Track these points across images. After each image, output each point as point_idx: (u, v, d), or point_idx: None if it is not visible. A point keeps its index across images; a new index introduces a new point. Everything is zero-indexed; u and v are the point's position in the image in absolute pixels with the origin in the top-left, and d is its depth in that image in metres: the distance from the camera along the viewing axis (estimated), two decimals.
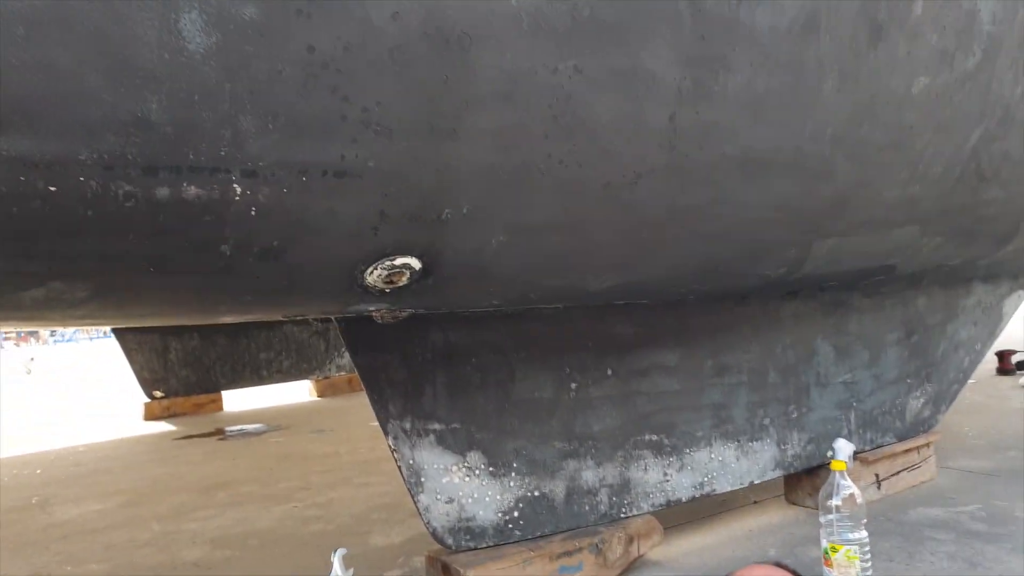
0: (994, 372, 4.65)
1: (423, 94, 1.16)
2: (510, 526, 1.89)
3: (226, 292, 1.32)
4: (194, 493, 3.22)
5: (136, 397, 5.37)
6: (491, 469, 1.87)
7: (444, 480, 1.82)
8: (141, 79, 0.97)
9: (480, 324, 1.84)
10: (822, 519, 1.81)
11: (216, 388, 5.36)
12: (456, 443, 1.84)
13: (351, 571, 1.11)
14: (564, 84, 1.26)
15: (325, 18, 1.05)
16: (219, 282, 1.25)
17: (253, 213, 1.14)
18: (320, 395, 5.80)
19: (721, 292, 2.10)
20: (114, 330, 5.00)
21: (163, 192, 1.06)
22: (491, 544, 1.86)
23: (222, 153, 1.06)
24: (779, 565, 1.55)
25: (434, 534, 1.83)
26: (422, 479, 1.80)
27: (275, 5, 1.01)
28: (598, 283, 1.72)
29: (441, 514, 1.82)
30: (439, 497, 1.82)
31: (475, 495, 1.85)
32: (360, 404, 5.22)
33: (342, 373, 5.85)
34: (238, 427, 4.55)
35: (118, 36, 0.94)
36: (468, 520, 1.85)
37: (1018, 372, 4.61)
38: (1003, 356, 4.71)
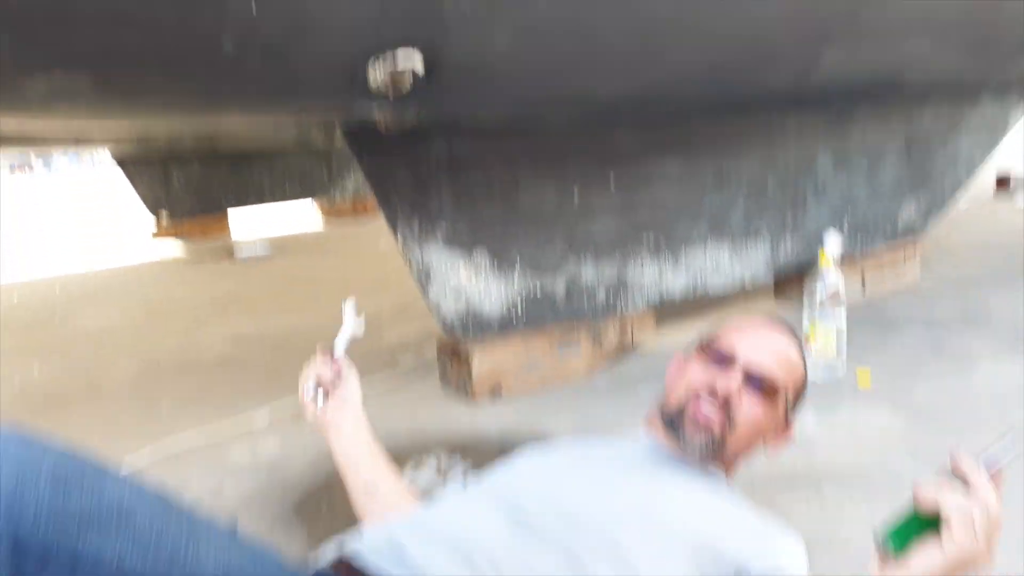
0: (992, 194, 4.70)
1: None
2: (513, 319, 2.01)
3: (232, 91, 1.33)
4: (210, 308, 3.38)
5: (143, 220, 5.46)
6: (496, 267, 1.96)
7: (451, 277, 1.92)
8: None
9: (484, 136, 1.86)
10: (806, 304, 1.94)
11: (221, 208, 5.41)
12: (462, 243, 1.92)
13: (361, 317, 1.19)
14: None
15: None
16: (224, 81, 1.27)
17: (252, 6, 1.11)
18: (326, 219, 5.90)
19: (726, 102, 2.09)
20: (115, 158, 4.99)
21: None
22: (496, 333, 2.00)
23: None
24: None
25: (443, 324, 1.96)
26: (431, 276, 1.90)
27: None
28: (605, 88, 1.71)
29: (449, 308, 1.93)
30: (447, 292, 1.93)
31: (481, 290, 1.96)
32: (367, 230, 5.34)
33: (346, 197, 5.92)
34: (247, 249, 4.67)
35: None
36: (474, 313, 1.97)
37: (1014, 194, 4.66)
38: (1001, 180, 4.75)
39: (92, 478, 0.60)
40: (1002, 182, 4.75)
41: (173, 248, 5.18)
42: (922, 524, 0.60)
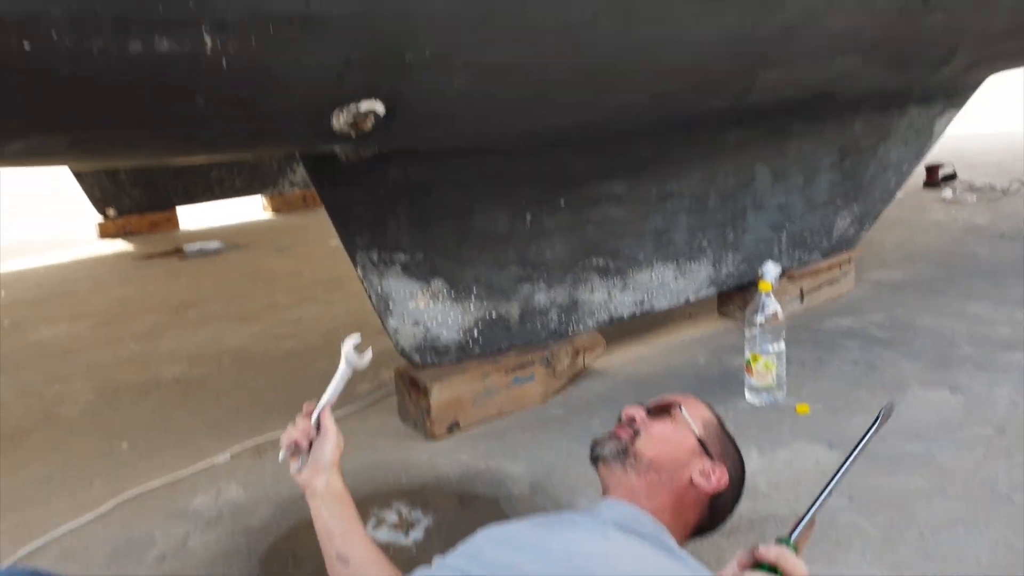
0: (921, 186, 4.91)
1: None
2: (470, 344, 2.08)
3: (201, 139, 1.36)
4: (164, 313, 3.35)
5: (89, 215, 5.32)
6: (452, 294, 2.03)
7: (410, 305, 1.98)
8: None
9: (440, 160, 1.91)
10: (747, 333, 2.05)
11: (169, 205, 5.32)
12: (420, 272, 1.97)
13: (368, 353, 1.20)
14: None
15: None
16: (195, 132, 1.29)
17: (224, 65, 1.16)
18: (275, 211, 5.82)
19: (669, 123, 2.18)
20: None
21: (135, 47, 1.07)
22: (453, 360, 2.06)
23: (191, 5, 1.07)
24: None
25: (403, 353, 2.01)
26: (390, 305, 1.96)
27: None
28: (556, 121, 1.79)
29: (408, 335, 1.99)
30: (406, 320, 1.98)
31: (438, 318, 2.02)
32: (316, 222, 5.30)
33: (295, 189, 5.84)
34: (197, 245, 4.60)
35: None
36: (432, 340, 2.03)
37: (943, 185, 4.88)
38: (931, 170, 4.95)
39: None
40: (931, 172, 4.96)
41: (121, 244, 5.07)
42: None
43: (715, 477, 1.16)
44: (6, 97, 1.07)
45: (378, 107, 1.41)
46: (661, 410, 1.24)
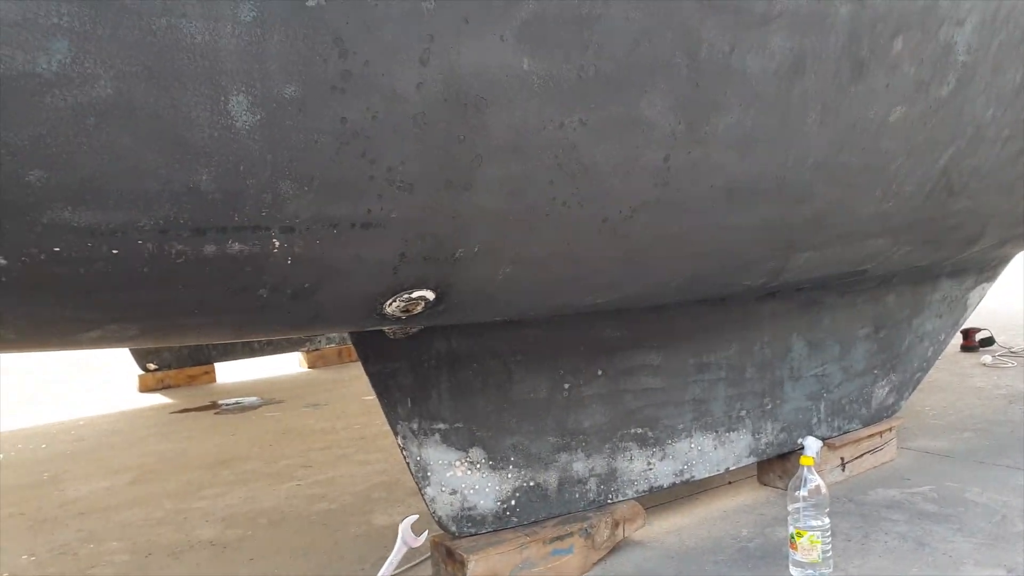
0: (958, 349, 4.88)
1: (442, 152, 1.28)
2: (508, 513, 2.07)
3: (260, 325, 1.45)
4: (199, 470, 3.37)
5: (129, 368, 5.48)
6: (491, 463, 2.04)
7: (448, 474, 1.99)
8: (193, 154, 1.09)
9: (481, 332, 1.98)
10: (790, 507, 2.01)
11: (208, 360, 5.47)
12: (459, 441, 2.00)
13: (424, 534, 1.19)
14: (569, 136, 1.39)
15: (356, 93, 1.16)
16: (255, 318, 1.38)
17: (289, 262, 1.26)
18: (311, 366, 5.93)
19: (704, 298, 2.25)
20: None
21: (210, 249, 1.18)
22: (490, 530, 2.04)
23: (263, 214, 1.19)
24: None
25: (439, 522, 2.00)
26: (428, 474, 1.97)
27: (312, 84, 1.13)
28: (591, 300, 1.87)
29: (445, 504, 1.99)
30: (443, 489, 1.98)
31: (476, 487, 2.02)
32: (351, 376, 5.38)
33: (332, 344, 5.98)
34: (233, 400, 4.68)
35: (173, 117, 1.05)
36: (470, 509, 2.02)
37: (981, 349, 4.84)
38: (968, 334, 4.94)
39: None
40: (968, 336, 4.94)
41: (159, 397, 5.18)
42: None
43: None
44: (90, 293, 1.17)
45: (428, 295, 1.50)
46: None
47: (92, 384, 5.86)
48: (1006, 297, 6.83)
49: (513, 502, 2.08)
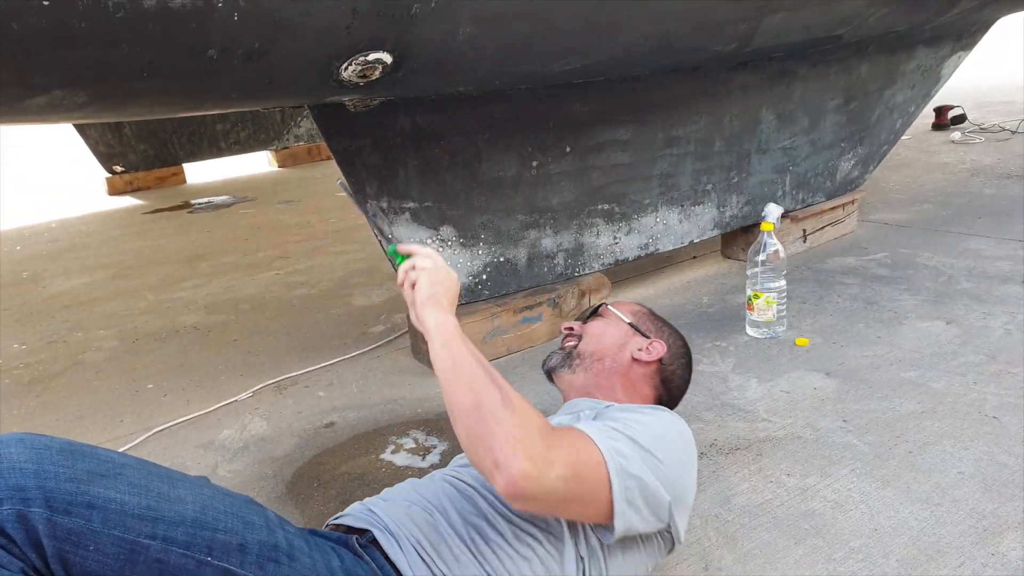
0: (930, 128, 4.88)
1: None
2: (479, 287, 2.15)
3: (213, 91, 1.40)
4: (177, 264, 3.43)
5: (95, 172, 5.36)
6: (461, 240, 2.08)
7: None
8: None
9: (447, 108, 1.94)
10: (748, 272, 2.10)
11: (176, 161, 5.35)
12: (429, 219, 2.02)
13: None
14: None
15: None
16: (207, 83, 1.34)
17: (236, 18, 1.19)
18: (281, 165, 5.83)
19: (674, 67, 2.20)
20: None
21: (150, 3, 1.11)
22: (464, 302, 2.13)
23: None
24: None
25: None
26: None
27: None
28: (559, 67, 1.81)
29: None
30: None
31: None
32: (323, 174, 5.33)
33: (301, 143, 5.85)
34: (205, 199, 4.65)
35: None
36: None
37: (952, 127, 4.85)
38: (940, 111, 4.92)
39: (89, 451, 0.80)
40: (940, 114, 4.93)
41: (130, 200, 5.12)
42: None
43: (653, 348, 1.28)
44: (29, 54, 1.11)
45: (385, 57, 1.45)
46: (593, 314, 1.40)
47: (56, 188, 5.76)
48: (986, 70, 6.74)
49: (484, 276, 2.15)
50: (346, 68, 1.43)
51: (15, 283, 3.38)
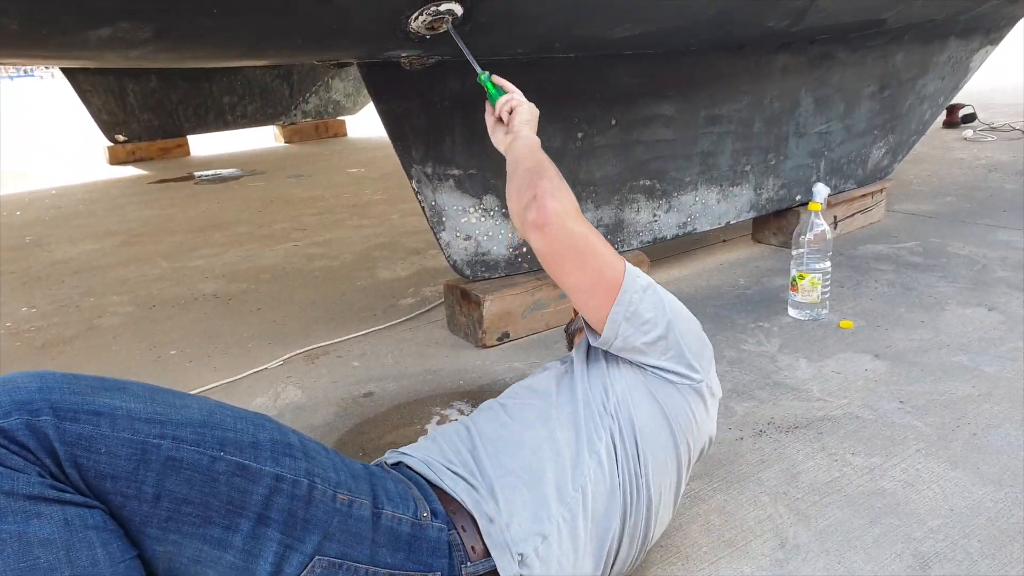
0: (941, 125, 4.89)
1: None
2: (519, 259, 2.10)
3: (279, 34, 1.34)
4: (189, 233, 3.34)
5: (97, 141, 5.24)
6: (503, 211, 2.03)
7: (463, 220, 1.98)
8: None
9: (498, 73, 1.88)
10: (794, 252, 2.07)
11: (180, 132, 5.24)
12: (473, 187, 1.97)
13: None
14: None
15: None
16: (275, 24, 1.27)
17: None
18: (287, 140, 5.73)
19: (724, 42, 2.15)
20: (64, 71, 4.72)
21: None
22: (503, 275, 2.08)
23: None
24: None
25: (454, 266, 2.03)
26: (443, 219, 1.96)
27: None
28: (619, 32, 1.76)
29: (460, 249, 2.01)
30: (458, 235, 1.99)
31: (489, 233, 2.03)
32: (331, 151, 5.25)
33: (308, 119, 5.75)
34: (211, 171, 4.55)
35: None
36: (483, 255, 2.04)
37: (963, 125, 4.86)
38: (951, 110, 4.93)
39: (92, 376, 0.80)
40: (951, 112, 4.94)
41: (133, 170, 5.00)
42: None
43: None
44: None
45: (457, 8, 1.39)
46: None
47: (56, 156, 5.63)
48: (988, 76, 6.77)
49: (524, 249, 2.10)
50: (416, 18, 1.38)
51: (18, 247, 3.28)
